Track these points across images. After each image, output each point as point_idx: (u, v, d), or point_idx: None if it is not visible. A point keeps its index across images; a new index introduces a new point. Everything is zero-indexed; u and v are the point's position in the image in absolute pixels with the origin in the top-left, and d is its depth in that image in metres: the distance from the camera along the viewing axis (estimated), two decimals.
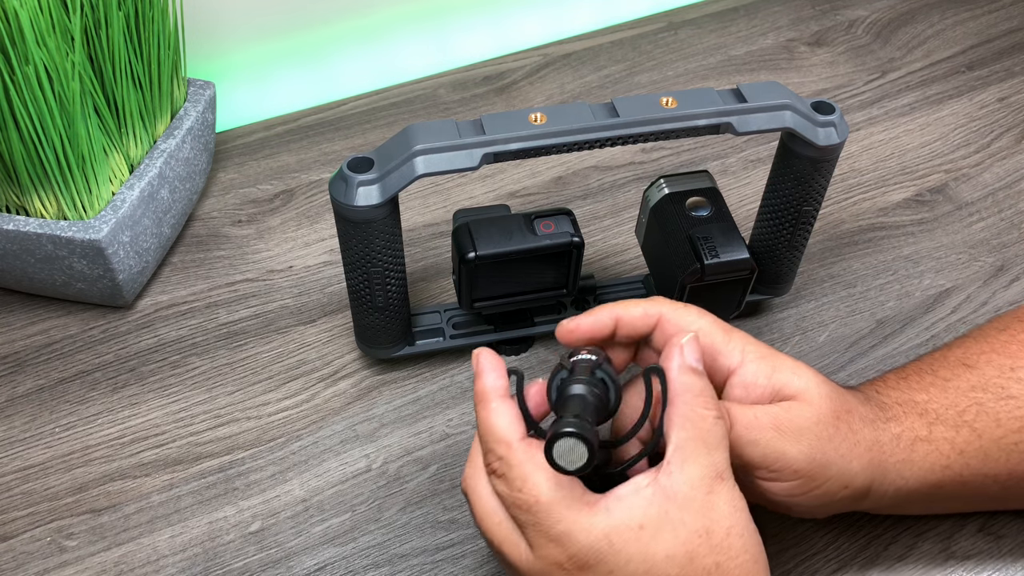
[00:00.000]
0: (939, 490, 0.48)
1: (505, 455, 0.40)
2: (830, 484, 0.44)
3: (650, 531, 0.38)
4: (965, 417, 0.47)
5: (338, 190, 0.48)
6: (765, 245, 0.58)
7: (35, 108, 0.52)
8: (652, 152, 0.75)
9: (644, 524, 0.38)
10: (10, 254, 0.57)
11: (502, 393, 0.42)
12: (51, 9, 0.51)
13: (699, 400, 0.40)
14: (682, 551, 0.38)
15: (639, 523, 0.38)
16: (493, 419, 0.41)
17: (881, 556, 0.52)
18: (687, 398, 0.40)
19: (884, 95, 0.80)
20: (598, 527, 0.38)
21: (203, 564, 0.51)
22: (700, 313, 0.46)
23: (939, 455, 0.47)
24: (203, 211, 0.69)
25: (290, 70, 0.79)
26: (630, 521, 0.38)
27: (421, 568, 0.51)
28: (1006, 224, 0.70)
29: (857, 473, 0.45)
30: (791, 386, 0.45)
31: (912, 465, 0.46)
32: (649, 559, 0.38)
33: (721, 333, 0.45)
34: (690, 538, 0.38)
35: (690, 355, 0.41)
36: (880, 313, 0.64)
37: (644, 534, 0.38)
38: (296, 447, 0.56)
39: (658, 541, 0.38)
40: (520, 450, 0.40)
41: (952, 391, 0.48)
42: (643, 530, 0.38)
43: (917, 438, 0.47)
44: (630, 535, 0.38)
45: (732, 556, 0.39)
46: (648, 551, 0.38)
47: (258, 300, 0.64)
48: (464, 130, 0.48)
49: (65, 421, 0.57)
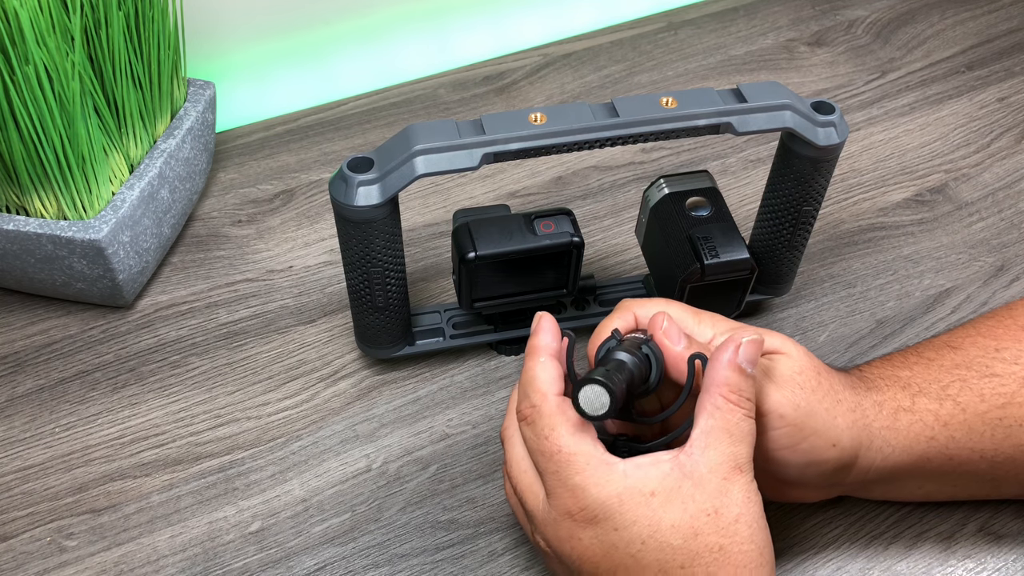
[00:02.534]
0: (927, 463, 0.48)
1: (538, 404, 0.42)
2: (816, 438, 0.45)
3: (660, 499, 0.39)
4: (948, 391, 0.48)
5: (338, 190, 0.48)
6: (765, 245, 0.58)
7: (35, 108, 0.52)
8: (652, 152, 0.75)
9: (656, 491, 0.39)
10: (10, 254, 0.57)
11: (552, 352, 0.44)
12: (51, 9, 0.51)
13: (734, 395, 0.41)
14: (688, 524, 0.39)
15: (651, 490, 0.39)
16: (537, 370, 0.43)
17: (881, 556, 0.52)
18: (724, 391, 0.41)
19: (884, 95, 0.80)
20: (612, 485, 0.40)
21: (203, 564, 0.51)
22: (666, 302, 0.48)
23: (923, 426, 0.47)
24: (203, 211, 0.69)
25: (290, 70, 0.79)
26: (643, 486, 0.40)
27: (421, 568, 0.51)
28: (1006, 224, 0.70)
29: (843, 431, 0.45)
30: (770, 344, 0.46)
31: (897, 433, 0.47)
32: (654, 524, 0.39)
33: (691, 316, 0.47)
34: (698, 514, 0.39)
35: (744, 354, 0.42)
36: (880, 313, 0.64)
37: (654, 500, 0.39)
38: (296, 447, 0.56)
39: (666, 509, 0.39)
40: (553, 402, 0.42)
41: (935, 368, 0.49)
42: (654, 496, 0.39)
43: (900, 407, 0.47)
44: (640, 499, 0.39)
45: (737, 542, 0.40)
46: (655, 516, 0.39)
47: (258, 300, 0.64)
48: (464, 130, 0.48)
49: (65, 421, 0.57)
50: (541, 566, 0.51)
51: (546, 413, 0.42)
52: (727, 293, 0.57)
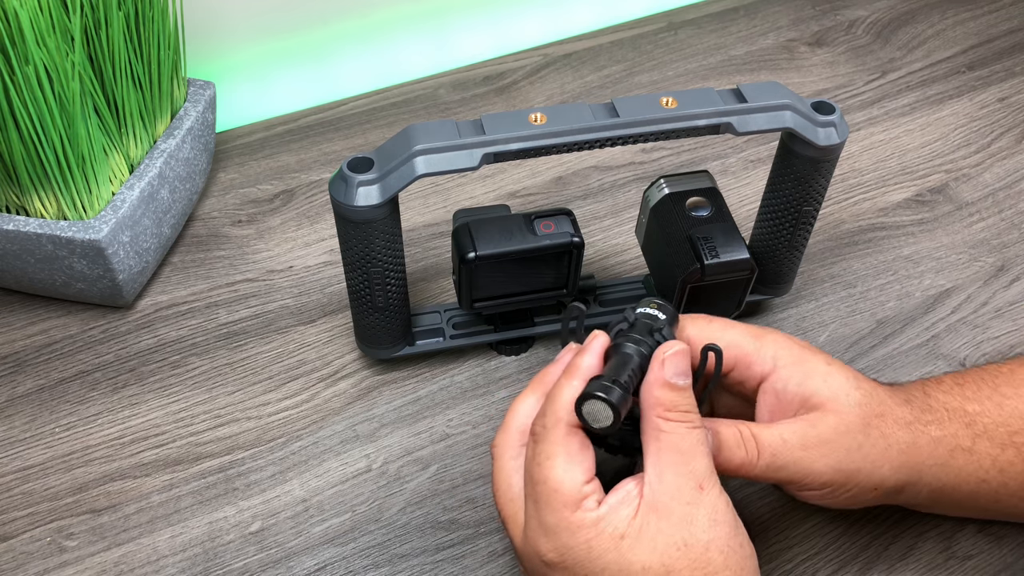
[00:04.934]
0: (974, 500, 0.47)
1: (551, 427, 0.41)
2: (859, 488, 0.44)
3: (629, 541, 0.39)
4: (1015, 439, 0.46)
5: (338, 190, 0.48)
6: (765, 245, 0.58)
7: (35, 108, 0.52)
8: (652, 152, 0.75)
9: (625, 534, 0.39)
10: (10, 254, 0.57)
11: (589, 376, 0.42)
12: (51, 9, 0.51)
13: (671, 413, 0.40)
14: (658, 562, 0.38)
15: (621, 533, 0.39)
16: (566, 392, 0.41)
17: (882, 556, 0.52)
18: (659, 411, 0.40)
19: (884, 95, 0.80)
20: (582, 532, 0.39)
21: (203, 564, 0.51)
22: (726, 325, 0.46)
23: (978, 468, 0.46)
24: (203, 211, 0.69)
25: (290, 70, 0.79)
26: (613, 530, 0.39)
27: (421, 568, 0.51)
28: (1006, 224, 0.70)
29: (887, 476, 0.45)
30: (819, 394, 0.44)
31: (948, 470, 0.46)
32: (624, 568, 0.38)
33: (752, 340, 0.46)
34: (667, 550, 0.38)
35: (669, 370, 0.41)
36: (880, 313, 0.64)
37: (624, 543, 0.39)
38: (296, 447, 0.56)
39: (635, 551, 0.38)
40: (564, 431, 0.41)
41: (1008, 410, 0.47)
42: (623, 539, 0.39)
43: (959, 447, 0.46)
44: (610, 543, 0.39)
45: (711, 572, 0.39)
46: (624, 560, 0.38)
47: (258, 300, 0.64)
48: (464, 130, 0.48)
49: (65, 421, 0.57)
50: None
51: (552, 440, 0.40)
52: (727, 293, 0.56)
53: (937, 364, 0.61)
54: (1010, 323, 0.64)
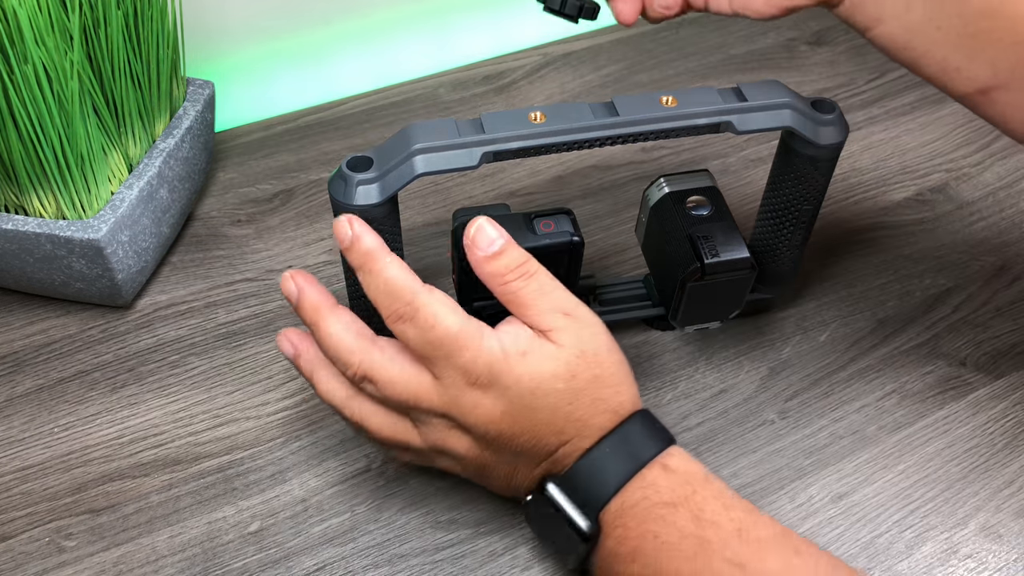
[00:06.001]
0: None
1: (412, 301, 0.44)
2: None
3: (534, 356, 0.44)
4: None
5: (337, 189, 0.48)
6: (766, 244, 0.58)
7: (34, 107, 0.51)
8: (652, 151, 0.75)
9: (527, 351, 0.44)
10: (9, 254, 0.57)
11: (388, 249, 0.46)
12: (50, 8, 0.51)
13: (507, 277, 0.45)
14: (564, 369, 0.45)
15: (522, 350, 0.44)
16: (393, 271, 0.45)
17: (882, 556, 0.52)
18: (497, 282, 0.45)
19: (885, 94, 0.80)
20: (494, 353, 0.44)
21: (202, 564, 0.51)
22: None
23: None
24: (202, 211, 0.69)
25: (290, 70, 0.79)
26: (515, 348, 0.44)
27: (421, 568, 0.51)
28: (1007, 224, 0.70)
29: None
30: None
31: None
32: (537, 376, 0.44)
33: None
34: (568, 359, 0.45)
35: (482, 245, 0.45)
36: (881, 313, 0.64)
37: (530, 358, 0.44)
38: (295, 447, 0.56)
39: (541, 363, 0.44)
40: (424, 293, 0.44)
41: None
42: (527, 355, 0.44)
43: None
44: (519, 359, 0.44)
45: (605, 368, 0.46)
46: (535, 370, 0.44)
47: (257, 300, 0.64)
48: (464, 129, 0.48)
49: (64, 421, 0.57)
50: (541, 566, 0.51)
51: (422, 305, 0.44)
52: (727, 292, 0.56)
53: (938, 363, 0.61)
54: (1011, 322, 0.63)
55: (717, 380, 0.60)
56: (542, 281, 0.46)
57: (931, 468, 0.56)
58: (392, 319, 0.45)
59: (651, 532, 0.43)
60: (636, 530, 0.44)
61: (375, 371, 0.46)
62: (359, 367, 0.46)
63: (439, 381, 0.45)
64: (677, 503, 0.44)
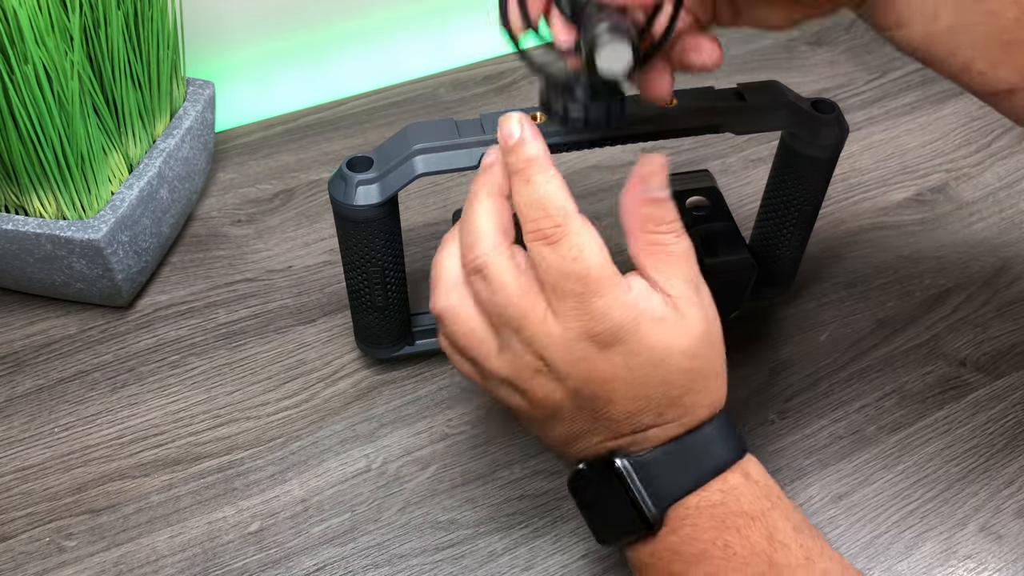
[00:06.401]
0: None
1: (564, 223, 0.41)
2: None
3: (668, 324, 0.41)
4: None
5: (337, 189, 0.48)
6: (766, 244, 0.58)
7: (34, 108, 0.51)
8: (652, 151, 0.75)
9: (664, 317, 0.40)
10: (9, 254, 0.57)
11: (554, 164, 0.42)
12: (50, 8, 0.51)
13: (660, 226, 0.42)
14: (692, 347, 0.41)
15: (660, 315, 0.40)
16: (552, 186, 0.41)
17: (882, 556, 0.52)
18: (648, 227, 0.42)
19: (885, 94, 0.80)
20: (630, 310, 0.40)
21: (202, 564, 0.51)
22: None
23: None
24: (202, 211, 0.69)
25: (290, 70, 0.79)
26: (653, 313, 0.40)
27: (421, 568, 0.51)
28: (1007, 224, 0.70)
29: None
30: None
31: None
32: (668, 348, 0.40)
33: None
34: (695, 336, 0.41)
35: (651, 186, 0.42)
36: (881, 313, 0.64)
37: (665, 325, 0.40)
38: (295, 447, 0.56)
39: (675, 334, 0.41)
40: (579, 221, 0.41)
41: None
42: (664, 322, 0.40)
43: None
44: (653, 324, 0.40)
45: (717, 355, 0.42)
46: (668, 340, 0.40)
47: (257, 300, 0.64)
48: (464, 129, 0.48)
49: (64, 421, 0.57)
50: (541, 566, 0.51)
51: (574, 232, 0.40)
52: (728, 292, 0.56)
53: (937, 363, 0.61)
54: (1011, 323, 0.63)
55: None
56: (688, 246, 0.42)
57: (931, 468, 0.56)
58: (534, 236, 0.41)
59: (723, 540, 0.41)
60: (709, 533, 0.41)
61: (494, 267, 0.41)
62: (480, 256, 0.42)
63: (555, 317, 0.41)
64: (755, 516, 0.41)
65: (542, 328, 0.41)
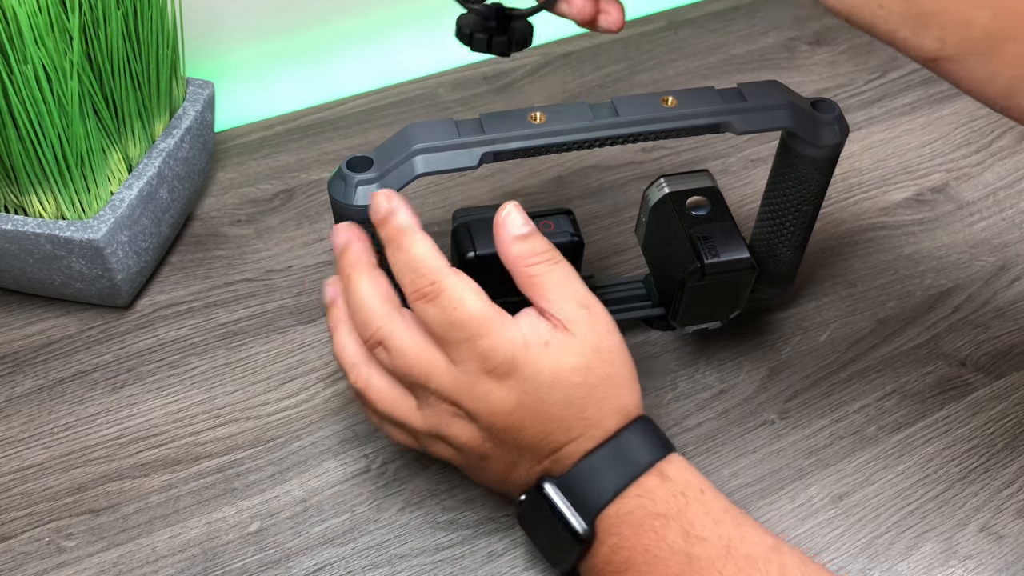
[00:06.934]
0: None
1: (438, 280, 0.44)
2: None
3: (555, 347, 0.44)
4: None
5: (337, 189, 0.48)
6: (765, 244, 0.58)
7: (33, 107, 0.51)
8: (652, 151, 0.75)
9: (549, 342, 0.44)
10: (8, 254, 0.57)
11: (420, 226, 0.46)
12: (49, 8, 0.51)
13: (532, 260, 0.45)
14: (582, 362, 0.44)
15: (545, 341, 0.44)
16: (422, 248, 0.45)
17: (882, 556, 0.52)
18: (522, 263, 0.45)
19: (885, 94, 0.80)
20: (516, 342, 0.44)
21: (202, 564, 0.51)
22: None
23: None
24: (202, 211, 0.69)
25: (289, 69, 0.79)
26: (539, 339, 0.44)
27: (421, 568, 0.51)
28: (1007, 224, 0.70)
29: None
30: None
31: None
32: (557, 369, 0.44)
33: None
34: (585, 352, 0.44)
35: (512, 226, 0.45)
36: (881, 313, 0.64)
37: (551, 349, 0.44)
38: (295, 447, 0.56)
39: (562, 355, 0.44)
40: (451, 275, 0.44)
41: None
42: (549, 346, 0.44)
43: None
44: (541, 349, 0.44)
45: (617, 367, 0.46)
46: (556, 362, 0.44)
47: (257, 300, 0.64)
48: (463, 129, 0.48)
49: (64, 421, 0.57)
50: (541, 566, 0.51)
51: (449, 286, 0.44)
52: (727, 293, 0.56)
53: (938, 364, 0.61)
54: (1011, 323, 0.63)
55: (717, 380, 0.60)
56: (566, 271, 0.46)
57: (931, 468, 0.56)
58: (415, 297, 0.44)
59: (643, 545, 0.43)
60: (630, 540, 0.44)
61: (392, 338, 0.45)
62: (377, 331, 0.45)
63: (454, 365, 0.44)
64: (670, 516, 0.43)
65: (447, 376, 0.44)
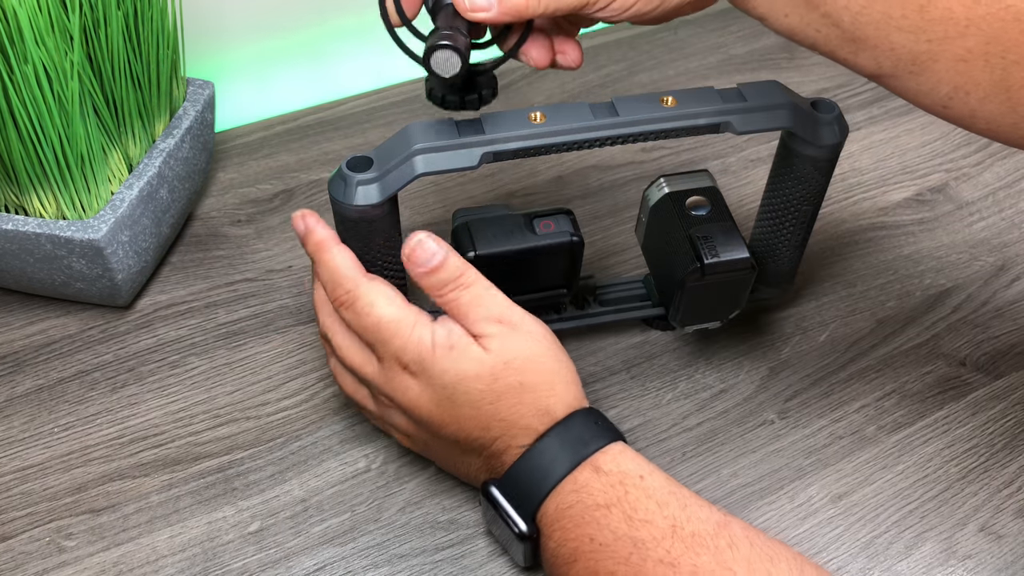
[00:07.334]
0: None
1: (352, 288, 0.48)
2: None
3: (458, 352, 0.47)
4: None
5: (337, 189, 0.48)
6: (765, 244, 0.58)
7: (34, 108, 0.51)
8: (652, 151, 0.75)
9: (454, 346, 0.47)
10: (9, 254, 0.57)
11: (337, 240, 0.49)
12: (50, 8, 0.51)
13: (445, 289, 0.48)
14: (487, 372, 0.47)
15: (451, 344, 0.47)
16: (337, 261, 0.48)
17: (882, 556, 0.52)
18: (435, 294, 0.48)
19: (885, 94, 0.80)
20: (423, 344, 0.47)
21: (202, 564, 0.51)
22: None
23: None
24: (202, 211, 0.69)
25: (289, 69, 0.79)
26: (444, 342, 0.47)
27: (421, 568, 0.51)
28: (1007, 223, 0.70)
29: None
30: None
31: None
32: (459, 373, 0.46)
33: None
34: (492, 364, 0.47)
35: (419, 262, 0.47)
36: (881, 313, 0.64)
37: (454, 353, 0.47)
38: (295, 447, 0.56)
39: (465, 362, 0.46)
40: (364, 283, 0.48)
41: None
42: (453, 350, 0.47)
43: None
44: (444, 352, 0.47)
45: (531, 375, 0.47)
46: (458, 367, 0.46)
47: (257, 300, 0.64)
48: (463, 129, 0.48)
49: (64, 421, 0.57)
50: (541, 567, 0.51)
51: (361, 294, 0.47)
52: (727, 292, 0.56)
53: (937, 363, 0.61)
54: (1011, 323, 0.63)
55: (717, 380, 0.60)
56: (477, 291, 0.48)
57: (930, 468, 0.56)
58: (336, 304, 0.49)
59: (587, 535, 0.44)
60: (574, 532, 0.44)
61: (334, 336, 0.50)
62: (322, 326, 0.50)
63: (379, 362, 0.48)
64: (611, 504, 0.44)
65: (376, 374, 0.49)
